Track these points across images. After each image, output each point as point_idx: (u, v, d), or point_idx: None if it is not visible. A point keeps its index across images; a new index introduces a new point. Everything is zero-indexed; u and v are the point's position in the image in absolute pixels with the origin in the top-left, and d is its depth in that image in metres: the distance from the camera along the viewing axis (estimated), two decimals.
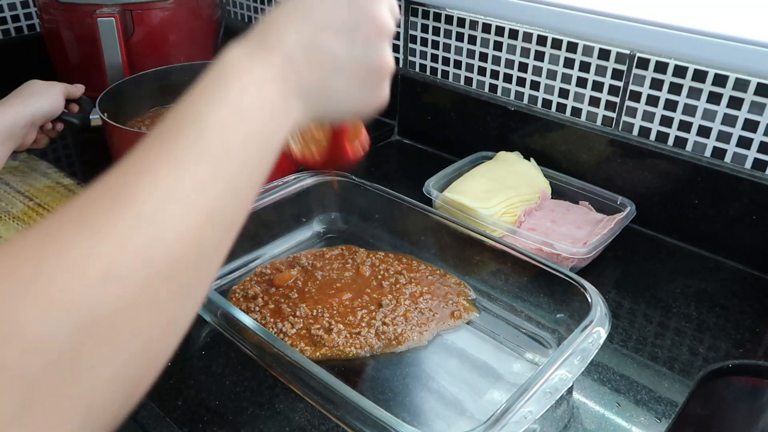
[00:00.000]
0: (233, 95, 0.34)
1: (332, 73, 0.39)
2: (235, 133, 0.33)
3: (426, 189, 0.85)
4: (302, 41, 0.38)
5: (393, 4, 0.43)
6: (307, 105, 0.39)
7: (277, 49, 0.37)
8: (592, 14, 0.83)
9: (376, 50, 0.41)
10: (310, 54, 0.38)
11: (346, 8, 0.40)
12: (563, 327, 0.68)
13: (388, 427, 0.50)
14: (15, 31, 1.32)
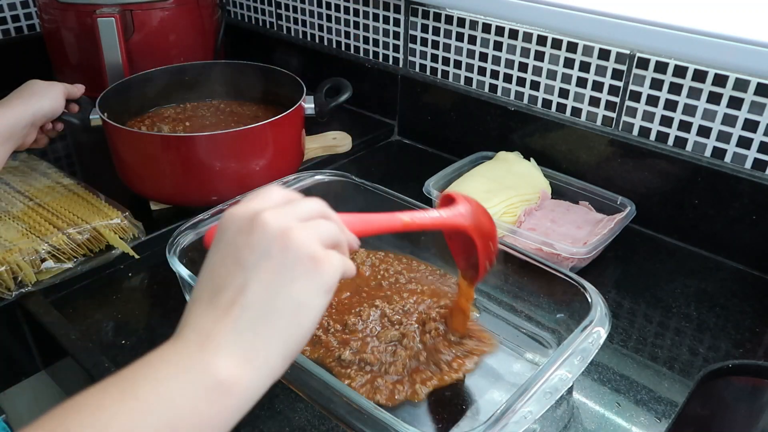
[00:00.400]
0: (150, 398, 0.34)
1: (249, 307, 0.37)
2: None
3: (426, 189, 0.85)
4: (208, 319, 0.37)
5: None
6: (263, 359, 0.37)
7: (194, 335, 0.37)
8: (592, 14, 0.83)
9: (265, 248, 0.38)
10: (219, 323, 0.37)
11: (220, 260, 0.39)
12: (563, 327, 0.68)
13: (388, 427, 0.50)
14: (15, 31, 1.32)
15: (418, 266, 0.78)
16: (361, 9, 1.15)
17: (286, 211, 0.40)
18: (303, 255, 0.38)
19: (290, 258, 0.38)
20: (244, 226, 0.39)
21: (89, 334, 0.69)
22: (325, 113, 0.96)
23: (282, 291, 0.37)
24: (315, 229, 0.40)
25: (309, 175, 0.85)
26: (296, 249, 0.38)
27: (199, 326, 0.37)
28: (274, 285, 0.37)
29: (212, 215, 0.75)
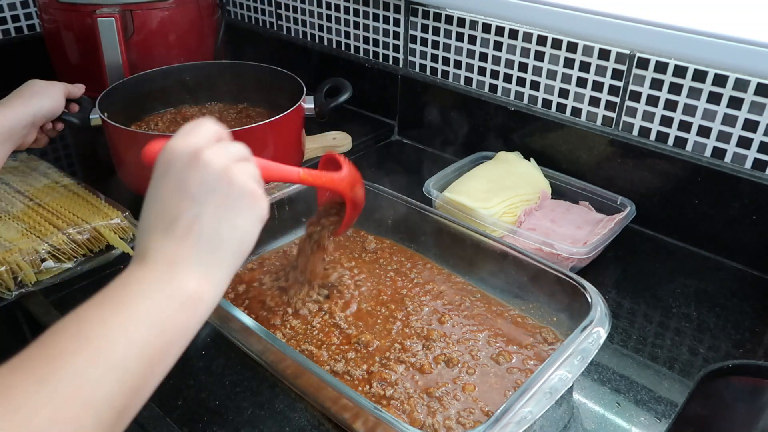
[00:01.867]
0: (141, 308, 0.40)
1: (203, 237, 0.43)
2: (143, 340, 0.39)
3: (426, 189, 0.85)
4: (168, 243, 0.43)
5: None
6: (217, 269, 0.44)
7: (157, 261, 0.42)
8: (592, 14, 0.83)
9: (211, 185, 0.44)
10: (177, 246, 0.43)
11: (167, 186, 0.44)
12: (563, 327, 0.68)
13: (388, 426, 0.50)
14: (15, 31, 1.32)
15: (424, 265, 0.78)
16: (361, 9, 1.15)
17: (224, 151, 0.45)
18: (245, 191, 0.45)
19: (234, 193, 0.44)
20: (190, 162, 0.44)
21: None
22: (325, 113, 0.96)
23: (229, 221, 0.44)
24: (248, 169, 0.46)
25: None
26: (239, 185, 0.44)
27: (162, 251, 0.42)
28: (223, 216, 0.44)
29: None
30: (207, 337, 0.68)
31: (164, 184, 0.44)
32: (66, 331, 0.38)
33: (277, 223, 0.83)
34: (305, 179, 0.60)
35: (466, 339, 0.66)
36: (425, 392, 0.60)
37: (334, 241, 0.73)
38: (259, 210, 0.46)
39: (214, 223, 0.43)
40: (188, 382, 0.62)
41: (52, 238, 0.75)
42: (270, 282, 0.74)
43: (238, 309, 0.61)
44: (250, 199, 0.45)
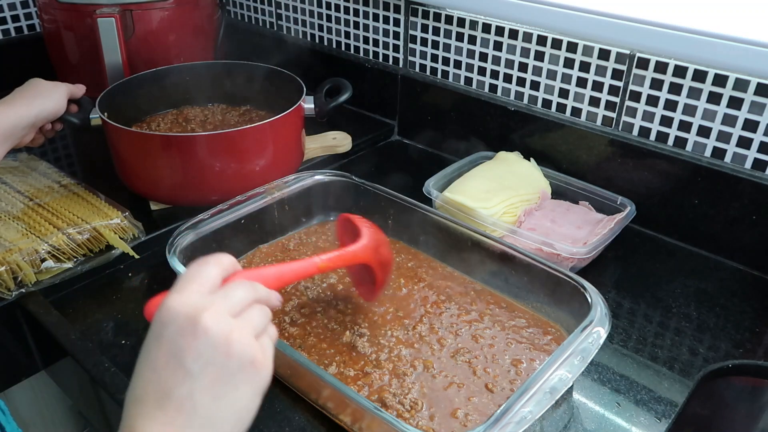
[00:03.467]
0: None
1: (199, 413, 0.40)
2: None
3: (426, 189, 0.85)
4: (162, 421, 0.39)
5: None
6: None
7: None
8: (592, 14, 0.83)
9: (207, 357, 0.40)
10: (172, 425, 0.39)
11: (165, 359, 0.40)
12: (563, 327, 0.68)
13: (388, 426, 0.50)
14: (15, 31, 1.32)
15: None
16: (361, 9, 1.15)
17: (223, 309, 0.42)
18: (245, 361, 0.41)
19: (233, 365, 0.40)
20: (186, 327, 0.40)
21: (89, 334, 0.69)
22: (325, 113, 0.96)
23: (226, 398, 0.40)
24: (250, 325, 0.43)
25: (309, 175, 0.85)
26: (238, 356, 0.40)
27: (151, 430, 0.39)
28: (218, 393, 0.40)
29: (212, 215, 0.75)
30: None
31: (158, 350, 0.40)
32: None
33: (277, 223, 0.83)
34: (326, 267, 0.57)
35: (466, 338, 0.66)
36: (425, 391, 0.60)
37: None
38: (259, 381, 0.42)
39: (209, 400, 0.40)
40: None
41: (52, 238, 0.75)
42: None
43: None
44: (250, 370, 0.41)
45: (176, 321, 0.40)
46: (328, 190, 0.86)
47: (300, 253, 0.80)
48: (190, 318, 0.40)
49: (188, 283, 0.43)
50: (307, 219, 0.86)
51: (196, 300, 0.41)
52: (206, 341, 0.40)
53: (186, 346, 0.40)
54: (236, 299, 0.43)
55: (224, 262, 0.45)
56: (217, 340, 0.40)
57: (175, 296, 0.42)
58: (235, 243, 0.78)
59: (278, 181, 0.83)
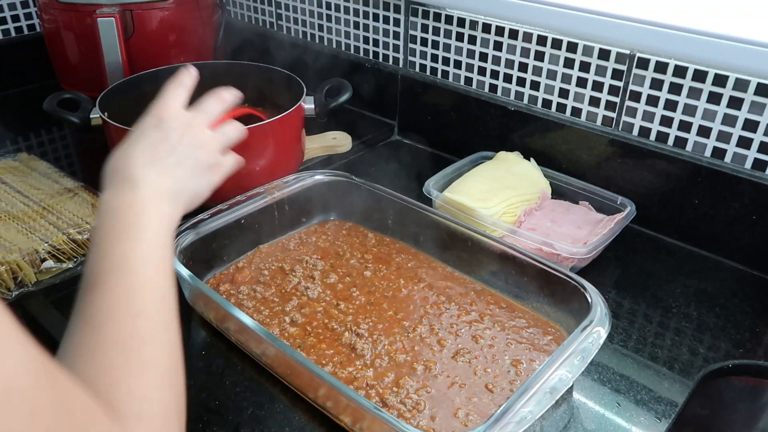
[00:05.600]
0: (148, 233, 0.50)
1: (179, 176, 0.56)
2: (158, 258, 0.49)
3: (426, 189, 0.85)
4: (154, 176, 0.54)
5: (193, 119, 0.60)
6: (180, 204, 0.56)
7: (147, 186, 0.52)
8: (592, 14, 0.83)
9: (192, 148, 0.58)
10: (161, 180, 0.54)
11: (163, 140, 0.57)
12: (563, 327, 0.68)
13: (388, 426, 0.50)
14: (15, 31, 1.32)
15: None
16: (361, 9, 1.15)
17: (206, 122, 0.62)
18: (212, 163, 0.60)
19: (204, 162, 0.59)
20: (183, 124, 0.58)
21: None
22: (325, 113, 0.96)
23: (193, 179, 0.58)
24: (223, 138, 0.63)
25: (309, 175, 0.85)
26: (211, 160, 0.60)
27: (149, 181, 0.53)
28: (190, 173, 0.57)
29: (212, 215, 0.75)
30: (207, 337, 0.68)
31: (156, 133, 0.56)
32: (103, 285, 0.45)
33: (277, 223, 0.83)
34: None
35: (466, 339, 0.66)
36: (426, 392, 0.60)
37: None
38: (215, 180, 0.61)
39: (184, 174, 0.56)
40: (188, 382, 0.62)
41: (52, 238, 0.75)
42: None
43: (238, 309, 0.61)
44: (214, 170, 0.60)
45: (177, 119, 0.58)
46: (328, 190, 0.86)
47: (300, 253, 0.80)
48: (188, 120, 0.59)
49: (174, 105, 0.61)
50: (307, 219, 0.86)
51: (192, 114, 0.60)
52: (193, 138, 0.58)
53: (179, 137, 0.57)
54: (212, 116, 0.63)
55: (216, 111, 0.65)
56: (199, 140, 0.59)
57: (175, 105, 0.60)
58: (235, 243, 0.78)
59: (278, 181, 0.83)
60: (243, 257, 0.79)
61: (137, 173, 0.53)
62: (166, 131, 0.57)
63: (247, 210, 0.78)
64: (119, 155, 0.55)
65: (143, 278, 0.46)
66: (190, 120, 0.59)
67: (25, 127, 1.15)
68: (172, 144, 0.56)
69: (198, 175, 0.58)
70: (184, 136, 0.57)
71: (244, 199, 0.79)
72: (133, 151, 0.55)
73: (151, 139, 0.56)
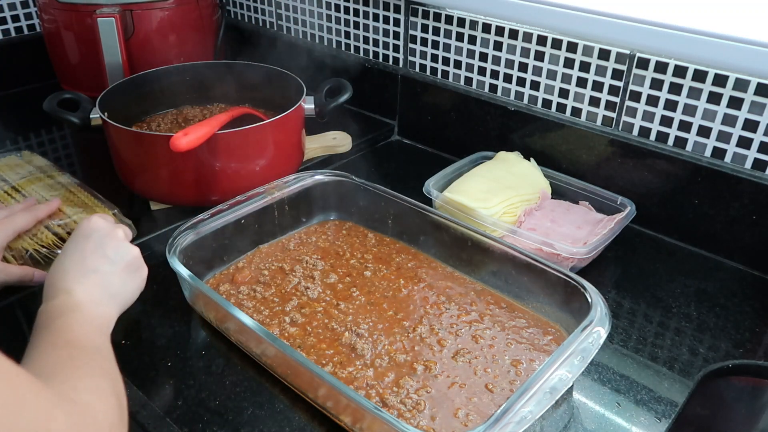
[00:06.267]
0: (85, 321, 0.55)
1: (111, 287, 0.60)
2: (98, 338, 0.55)
3: (426, 189, 0.85)
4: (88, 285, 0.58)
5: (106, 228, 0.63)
6: (115, 307, 0.61)
7: (81, 293, 0.57)
8: (592, 14, 0.83)
9: (121, 255, 0.62)
10: (95, 288, 0.59)
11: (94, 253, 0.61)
12: (563, 327, 0.68)
13: (388, 426, 0.50)
14: (15, 31, 1.32)
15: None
16: (361, 9, 1.15)
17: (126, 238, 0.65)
18: (140, 266, 0.65)
19: (133, 266, 0.63)
20: (111, 234, 0.63)
21: None
22: (325, 113, 0.96)
23: (125, 285, 0.62)
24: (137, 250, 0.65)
25: (309, 175, 0.85)
26: (137, 263, 0.64)
27: (84, 290, 0.57)
28: (123, 280, 0.62)
29: (212, 215, 0.75)
30: (207, 337, 0.68)
31: (86, 242, 0.61)
32: (61, 354, 0.50)
33: (277, 223, 0.83)
34: None
35: (466, 339, 0.66)
36: (426, 391, 0.60)
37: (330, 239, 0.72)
38: (142, 282, 0.65)
39: (118, 282, 0.61)
40: (188, 382, 0.62)
41: (38, 234, 0.75)
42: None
43: (238, 309, 0.61)
44: (141, 273, 0.64)
45: (104, 229, 0.62)
46: (328, 190, 0.86)
47: (300, 253, 0.80)
48: (113, 230, 0.63)
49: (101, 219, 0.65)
50: (307, 219, 0.86)
51: (114, 228, 0.64)
52: (123, 245, 0.63)
53: (109, 244, 0.62)
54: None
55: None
56: (129, 247, 0.63)
57: (98, 218, 0.64)
58: (235, 243, 0.78)
59: (278, 181, 0.83)
60: (243, 257, 0.79)
61: (70, 284, 0.57)
62: (95, 240, 0.61)
63: (247, 210, 0.78)
64: (55, 269, 0.59)
65: (87, 341, 0.52)
66: (113, 229, 0.63)
67: (25, 127, 1.15)
68: (104, 252, 0.61)
69: (128, 281, 0.62)
70: (114, 243, 0.62)
71: (244, 199, 0.79)
72: (68, 262, 0.59)
73: (83, 250, 0.60)
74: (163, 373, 0.64)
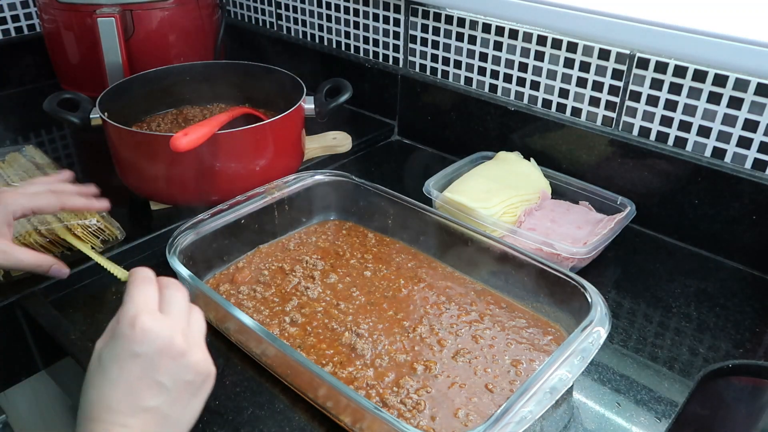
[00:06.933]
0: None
1: (171, 415, 0.46)
2: None
3: (426, 189, 0.85)
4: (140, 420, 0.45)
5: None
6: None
7: None
8: (592, 14, 0.83)
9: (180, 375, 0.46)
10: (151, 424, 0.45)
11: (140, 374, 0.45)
12: (563, 327, 0.68)
13: (388, 426, 0.50)
14: (15, 31, 1.32)
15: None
16: (361, 9, 1.15)
17: (186, 331, 0.49)
18: (206, 375, 0.49)
19: (199, 380, 0.48)
20: (163, 349, 0.46)
21: (89, 334, 0.69)
22: (325, 113, 0.96)
23: (190, 405, 0.48)
24: (203, 340, 0.50)
25: (309, 175, 0.85)
26: (204, 372, 0.48)
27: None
28: (186, 403, 0.47)
29: (212, 215, 0.75)
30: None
31: (133, 365, 0.45)
32: None
33: (277, 223, 0.83)
34: None
35: (466, 339, 0.66)
36: (426, 391, 0.60)
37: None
38: (210, 388, 0.50)
39: (179, 410, 0.47)
40: None
41: (25, 234, 0.74)
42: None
43: (238, 309, 0.61)
44: (208, 381, 0.49)
45: (154, 342, 0.45)
46: (328, 190, 0.86)
47: (300, 253, 0.80)
48: (167, 340, 0.46)
49: (164, 308, 0.49)
50: (307, 219, 0.86)
51: (169, 325, 0.47)
52: (181, 362, 0.46)
53: (163, 365, 0.45)
54: (198, 325, 0.51)
55: (186, 297, 0.52)
56: (189, 361, 0.47)
57: (148, 319, 0.46)
58: (235, 243, 0.78)
59: (278, 181, 0.83)
60: (243, 257, 0.79)
61: (123, 419, 0.44)
62: (144, 360, 0.45)
63: (247, 210, 0.78)
64: (94, 397, 0.45)
65: None
66: (170, 335, 0.46)
67: (25, 127, 1.15)
68: (157, 378, 0.45)
69: (189, 404, 0.48)
70: (169, 362, 0.46)
71: (244, 199, 0.79)
72: (110, 392, 0.44)
73: (129, 376, 0.45)
74: None
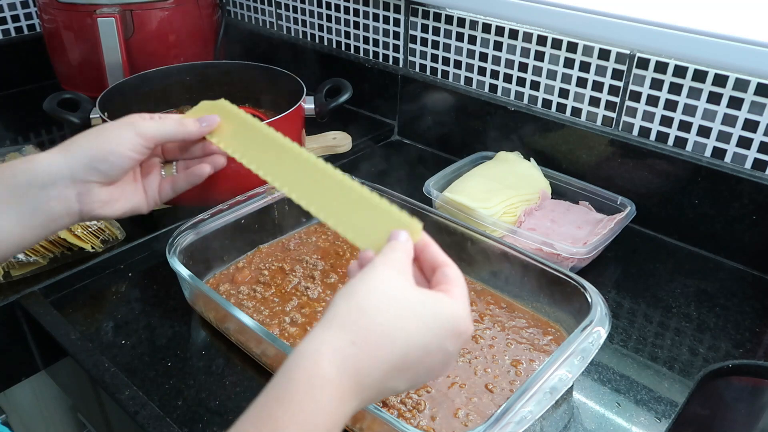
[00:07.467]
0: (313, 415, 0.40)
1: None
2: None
3: (426, 189, 0.85)
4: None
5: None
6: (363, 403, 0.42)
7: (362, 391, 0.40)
8: (592, 14, 0.83)
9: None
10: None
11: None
12: (563, 327, 0.68)
13: (388, 426, 0.50)
14: (15, 31, 1.32)
15: None
16: (361, 9, 1.15)
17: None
18: None
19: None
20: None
21: (89, 334, 0.69)
22: (325, 113, 0.96)
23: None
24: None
25: None
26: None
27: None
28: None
29: (212, 215, 0.75)
30: (207, 337, 0.68)
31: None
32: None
33: (277, 223, 0.83)
34: None
35: None
36: (426, 391, 0.60)
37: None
38: None
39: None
40: (188, 382, 0.62)
41: None
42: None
43: (238, 309, 0.61)
44: None
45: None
46: None
47: (300, 253, 0.80)
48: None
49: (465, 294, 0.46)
50: (307, 219, 0.86)
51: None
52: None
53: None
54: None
55: None
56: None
57: (465, 315, 0.45)
58: (235, 243, 0.78)
59: None
60: (243, 257, 0.79)
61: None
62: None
63: (247, 210, 0.78)
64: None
65: None
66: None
67: (25, 127, 1.15)
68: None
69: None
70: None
71: (244, 199, 0.79)
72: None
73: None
74: (163, 373, 0.64)
